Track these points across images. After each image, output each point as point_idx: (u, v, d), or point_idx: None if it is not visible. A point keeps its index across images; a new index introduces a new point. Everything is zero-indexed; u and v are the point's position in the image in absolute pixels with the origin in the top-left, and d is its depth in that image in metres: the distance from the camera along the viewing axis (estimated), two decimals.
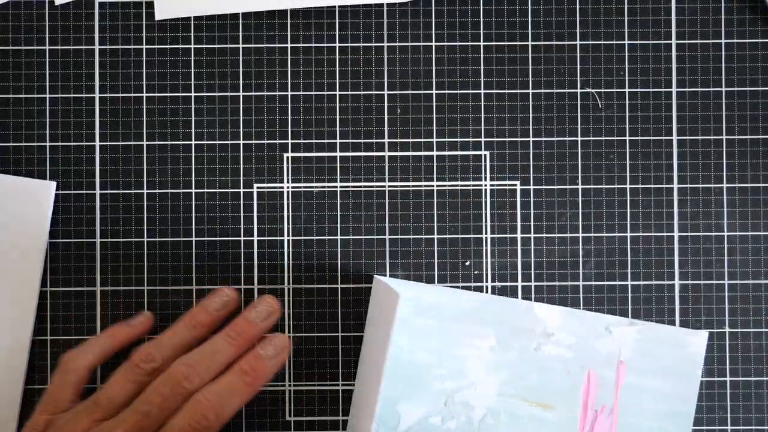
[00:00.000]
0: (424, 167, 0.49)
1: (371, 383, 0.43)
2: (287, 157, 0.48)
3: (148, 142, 0.48)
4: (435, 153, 0.49)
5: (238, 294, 0.47)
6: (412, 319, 0.41)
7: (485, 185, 0.49)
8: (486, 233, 0.49)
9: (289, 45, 0.49)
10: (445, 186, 0.49)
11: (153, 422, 0.42)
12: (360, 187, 0.49)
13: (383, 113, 0.49)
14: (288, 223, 0.48)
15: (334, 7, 0.48)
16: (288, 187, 0.48)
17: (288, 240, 0.48)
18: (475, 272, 0.49)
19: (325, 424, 0.48)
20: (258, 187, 0.49)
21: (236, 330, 0.45)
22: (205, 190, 0.48)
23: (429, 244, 0.49)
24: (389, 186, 0.49)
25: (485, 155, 0.49)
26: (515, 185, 0.49)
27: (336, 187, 0.49)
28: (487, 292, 0.49)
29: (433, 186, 0.49)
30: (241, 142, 0.49)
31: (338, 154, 0.49)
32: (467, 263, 0.49)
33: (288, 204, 0.48)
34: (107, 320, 0.48)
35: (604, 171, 0.48)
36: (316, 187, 0.48)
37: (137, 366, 0.44)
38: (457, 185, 0.49)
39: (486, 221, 0.49)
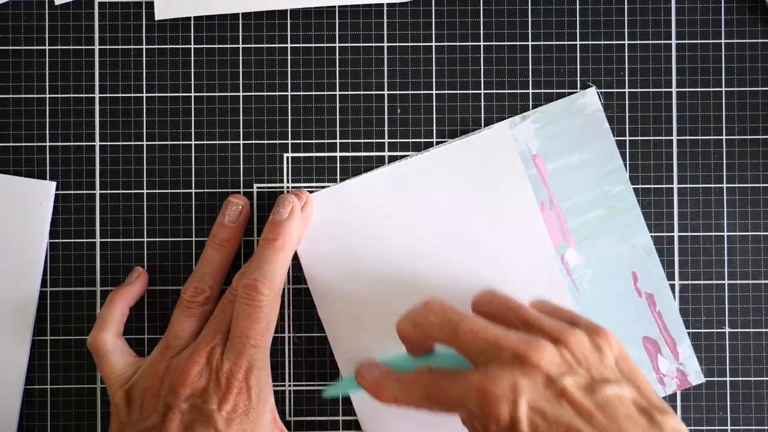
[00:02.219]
0: None
1: None
2: (287, 157, 0.48)
3: (148, 142, 0.48)
4: None
5: (247, 199, 0.47)
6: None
7: None
8: None
9: (289, 45, 0.49)
10: None
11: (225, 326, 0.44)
12: None
13: (383, 113, 0.49)
14: None
15: (334, 7, 0.48)
16: (288, 187, 0.48)
17: None
18: None
19: (325, 424, 0.48)
20: (258, 187, 0.49)
21: (270, 236, 0.45)
22: (205, 190, 0.48)
23: None
24: None
25: None
26: None
27: None
28: None
29: None
30: (241, 142, 0.49)
31: (338, 154, 0.49)
32: None
33: None
34: None
35: None
36: (316, 187, 0.48)
37: (190, 302, 0.46)
38: None
39: None
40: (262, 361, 0.44)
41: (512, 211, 0.47)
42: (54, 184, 0.48)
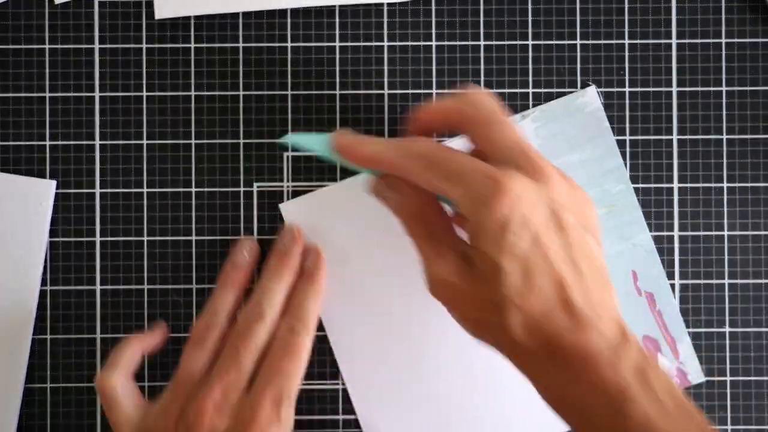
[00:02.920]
0: None
1: None
2: (287, 157, 0.48)
3: (148, 142, 0.48)
4: None
5: (256, 241, 0.47)
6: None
7: None
8: None
9: (289, 45, 0.49)
10: None
11: (244, 365, 0.43)
12: None
13: (383, 113, 0.49)
14: None
15: (334, 7, 0.49)
16: (288, 187, 0.48)
17: None
18: None
19: (325, 424, 0.48)
20: (258, 187, 0.49)
21: (273, 268, 0.46)
22: (205, 190, 0.48)
23: None
24: None
25: None
26: None
27: None
28: None
29: None
30: (241, 141, 0.49)
31: None
32: None
33: None
34: (107, 320, 0.48)
35: None
36: (316, 187, 0.48)
37: (202, 337, 0.45)
38: None
39: None
40: (291, 395, 0.43)
41: None
42: (54, 183, 0.48)
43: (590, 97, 0.48)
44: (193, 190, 0.48)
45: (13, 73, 0.48)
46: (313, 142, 0.42)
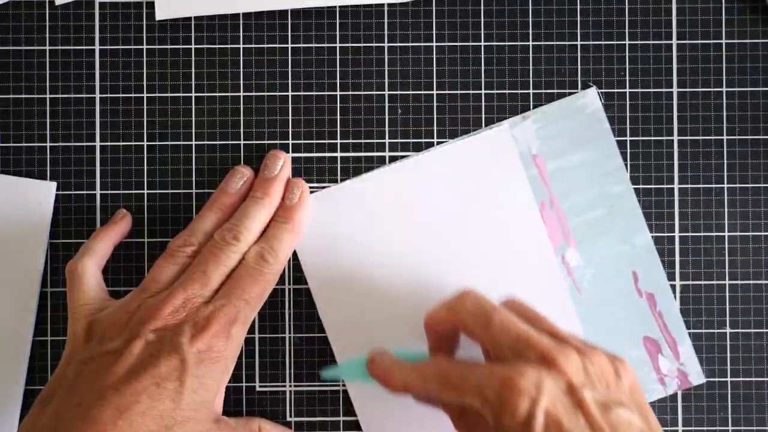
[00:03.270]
0: None
1: None
2: (287, 157, 0.48)
3: (148, 143, 0.48)
4: None
5: (253, 171, 0.47)
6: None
7: None
8: None
9: (289, 45, 0.49)
10: None
11: (211, 281, 0.43)
12: None
13: (383, 113, 0.49)
14: None
15: (334, 7, 0.49)
16: None
17: None
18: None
19: (326, 424, 0.48)
20: None
21: (259, 190, 0.46)
22: (206, 191, 0.48)
23: None
24: None
25: None
26: None
27: None
28: None
29: None
30: (242, 142, 0.49)
31: (338, 154, 0.49)
32: None
33: None
34: None
35: None
36: (316, 187, 0.48)
37: (176, 251, 0.45)
38: None
39: None
40: (246, 319, 0.43)
41: (512, 212, 0.47)
42: (54, 184, 0.48)
43: (591, 98, 0.48)
44: (194, 191, 0.48)
45: (13, 75, 0.48)
46: (353, 373, 0.44)
